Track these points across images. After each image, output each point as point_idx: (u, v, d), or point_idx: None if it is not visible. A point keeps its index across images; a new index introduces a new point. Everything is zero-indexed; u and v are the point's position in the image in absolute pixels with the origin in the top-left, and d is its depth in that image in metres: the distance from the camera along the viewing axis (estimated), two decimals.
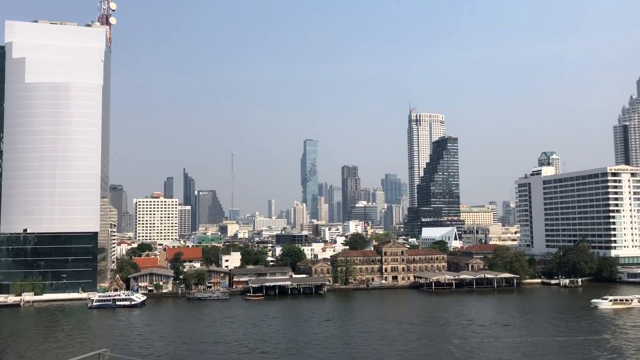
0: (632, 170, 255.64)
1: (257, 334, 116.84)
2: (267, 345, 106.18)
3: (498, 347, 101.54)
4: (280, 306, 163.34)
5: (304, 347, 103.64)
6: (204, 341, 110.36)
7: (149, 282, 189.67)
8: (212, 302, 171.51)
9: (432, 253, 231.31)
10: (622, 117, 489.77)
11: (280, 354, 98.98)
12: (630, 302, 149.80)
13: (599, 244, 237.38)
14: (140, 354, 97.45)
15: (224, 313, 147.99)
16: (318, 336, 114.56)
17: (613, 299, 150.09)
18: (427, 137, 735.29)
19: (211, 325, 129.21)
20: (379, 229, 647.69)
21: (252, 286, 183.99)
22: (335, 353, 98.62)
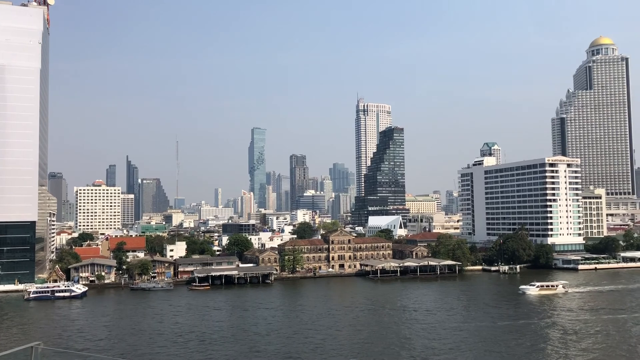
0: (568, 161, 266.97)
1: (204, 324, 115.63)
2: (214, 334, 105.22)
3: (442, 333, 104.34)
4: (226, 296, 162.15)
5: (252, 336, 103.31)
6: (150, 332, 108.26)
7: (91, 273, 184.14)
8: (157, 292, 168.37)
9: (378, 241, 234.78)
10: (559, 110, 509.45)
11: (228, 343, 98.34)
12: (556, 287, 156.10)
13: (536, 231, 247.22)
14: (78, 346, 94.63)
15: (169, 303, 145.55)
16: (266, 325, 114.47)
17: (540, 285, 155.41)
18: (374, 127, 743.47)
19: (156, 316, 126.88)
20: (326, 217, 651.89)
21: (197, 276, 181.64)
22: (284, 342, 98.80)
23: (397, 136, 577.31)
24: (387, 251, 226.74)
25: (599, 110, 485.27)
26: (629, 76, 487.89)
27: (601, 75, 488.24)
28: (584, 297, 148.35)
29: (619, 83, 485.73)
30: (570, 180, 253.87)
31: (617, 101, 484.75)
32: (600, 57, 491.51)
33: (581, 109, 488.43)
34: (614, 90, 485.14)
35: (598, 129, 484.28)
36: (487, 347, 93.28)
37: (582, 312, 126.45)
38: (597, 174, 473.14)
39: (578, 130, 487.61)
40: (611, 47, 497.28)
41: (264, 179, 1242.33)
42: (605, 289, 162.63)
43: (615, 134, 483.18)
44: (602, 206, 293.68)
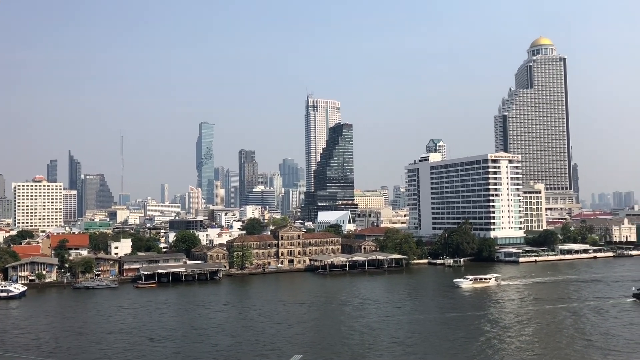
0: (509, 157, 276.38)
1: (152, 322, 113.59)
2: (164, 332, 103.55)
3: (391, 326, 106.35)
4: (173, 293, 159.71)
5: (202, 334, 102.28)
6: (96, 332, 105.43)
7: (30, 272, 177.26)
8: (101, 291, 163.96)
9: (327, 236, 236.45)
10: (502, 108, 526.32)
11: (178, 341, 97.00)
12: (488, 280, 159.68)
13: (480, 225, 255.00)
14: (19, 350, 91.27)
15: (115, 302, 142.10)
16: (216, 322, 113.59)
17: (473, 278, 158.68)
18: (323, 123, 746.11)
19: (102, 315, 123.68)
20: (276, 213, 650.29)
21: (143, 274, 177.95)
22: (235, 339, 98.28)
23: (346, 132, 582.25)
24: (336, 246, 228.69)
25: (539, 108, 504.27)
26: (566, 75, 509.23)
27: (541, 74, 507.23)
28: (516, 289, 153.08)
29: (558, 82, 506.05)
30: (511, 176, 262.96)
31: (556, 99, 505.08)
32: (540, 57, 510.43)
33: (522, 107, 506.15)
34: (553, 89, 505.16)
35: (538, 126, 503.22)
36: (426, 340, 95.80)
37: (514, 303, 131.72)
38: (537, 170, 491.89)
39: (519, 127, 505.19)
40: (550, 48, 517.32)
41: (212, 174, 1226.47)
42: (541, 280, 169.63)
43: (554, 131, 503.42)
44: (541, 201, 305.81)
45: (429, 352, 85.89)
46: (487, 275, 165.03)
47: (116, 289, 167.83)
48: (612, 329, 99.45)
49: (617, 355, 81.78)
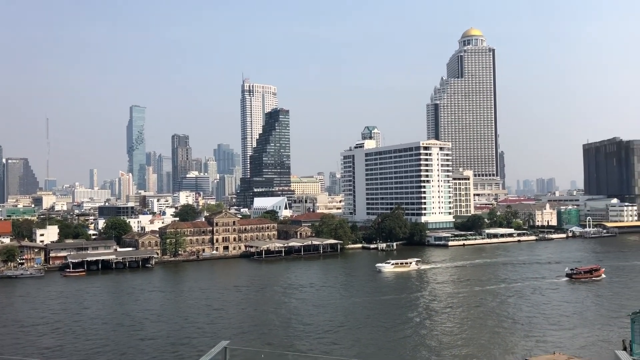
0: (440, 144, 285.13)
1: (83, 312, 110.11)
2: (95, 321, 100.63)
3: (324, 310, 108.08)
4: (104, 281, 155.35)
5: (132, 322, 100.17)
6: (21, 323, 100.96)
7: None
8: (26, 280, 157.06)
9: (263, 222, 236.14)
10: (434, 97, 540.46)
11: (111, 330, 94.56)
12: (409, 264, 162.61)
13: (412, 211, 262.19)
14: None
15: (41, 291, 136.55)
16: (146, 309, 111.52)
17: (394, 263, 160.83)
18: (259, 108, 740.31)
19: (27, 305, 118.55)
20: (211, 199, 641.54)
21: (71, 261, 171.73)
22: (171, 326, 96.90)
23: (283, 118, 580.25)
24: (272, 232, 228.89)
25: (469, 98, 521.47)
26: (495, 66, 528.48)
27: (471, 64, 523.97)
28: (437, 272, 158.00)
29: (487, 72, 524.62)
30: (442, 163, 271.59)
31: (485, 89, 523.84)
32: (471, 48, 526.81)
33: (453, 96, 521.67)
34: (483, 79, 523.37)
35: (468, 115, 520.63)
36: (359, 323, 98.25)
37: (445, 285, 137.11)
38: (466, 157, 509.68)
39: (450, 115, 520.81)
40: (480, 39, 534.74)
41: (144, 159, 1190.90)
42: (462, 263, 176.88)
43: (483, 120, 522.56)
44: (470, 187, 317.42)
45: (362, 336, 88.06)
46: (408, 259, 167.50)
47: (42, 277, 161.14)
48: (544, 307, 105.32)
49: (547, 331, 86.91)
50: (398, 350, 78.58)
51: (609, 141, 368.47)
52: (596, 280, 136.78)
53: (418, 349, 78.70)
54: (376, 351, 77.85)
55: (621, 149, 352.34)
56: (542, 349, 75.24)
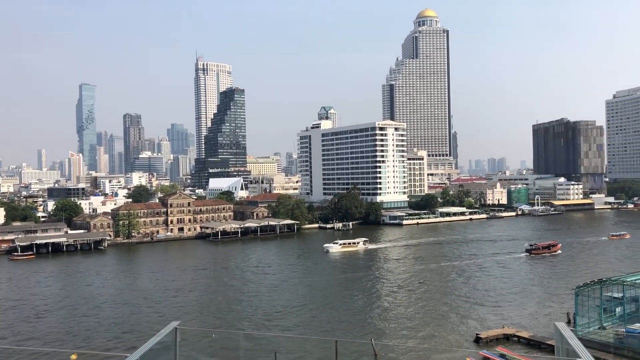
0: (395, 125, 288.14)
1: (29, 297, 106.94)
2: (47, 306, 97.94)
3: (284, 289, 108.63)
4: (55, 265, 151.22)
5: (84, 305, 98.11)
6: None
7: None
8: None
9: (219, 203, 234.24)
10: (389, 77, 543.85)
11: (65, 316, 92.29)
12: (357, 244, 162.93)
13: (367, 190, 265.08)
14: None
15: None
16: (99, 292, 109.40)
17: (342, 243, 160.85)
18: (214, 87, 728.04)
19: None
20: (164, 180, 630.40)
21: (19, 245, 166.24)
22: (125, 310, 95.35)
23: (238, 97, 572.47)
24: (228, 213, 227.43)
25: (424, 78, 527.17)
26: (449, 47, 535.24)
27: (426, 45, 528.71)
28: (390, 251, 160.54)
29: (441, 53, 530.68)
30: (397, 143, 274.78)
31: (439, 70, 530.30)
32: (425, 29, 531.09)
33: (408, 77, 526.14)
34: (437, 60, 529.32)
35: (422, 95, 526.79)
36: (314, 302, 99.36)
37: (400, 262, 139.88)
38: (420, 137, 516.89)
39: (405, 96, 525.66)
40: (435, 20, 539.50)
41: (95, 139, 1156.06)
42: (419, 242, 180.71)
43: (437, 100, 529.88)
44: (424, 167, 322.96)
45: (320, 315, 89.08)
46: (356, 239, 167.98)
47: None
48: (499, 282, 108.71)
49: (499, 306, 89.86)
50: (354, 328, 79.89)
51: (557, 122, 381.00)
52: (554, 255, 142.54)
53: (371, 327, 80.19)
54: (331, 329, 78.93)
55: (568, 129, 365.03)
56: (494, 323, 77.87)
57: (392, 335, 76.05)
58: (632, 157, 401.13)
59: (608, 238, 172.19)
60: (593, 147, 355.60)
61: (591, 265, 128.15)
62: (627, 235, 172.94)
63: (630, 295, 68.74)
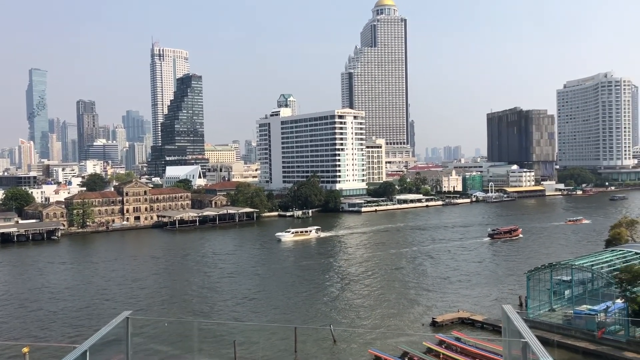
0: (354, 113, 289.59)
1: None
2: None
3: (242, 277, 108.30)
4: (4, 255, 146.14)
5: (37, 296, 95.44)
6: None
7: None
8: None
9: (176, 192, 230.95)
10: (348, 65, 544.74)
11: (19, 307, 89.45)
12: (309, 233, 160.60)
13: (326, 178, 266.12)
14: None
15: None
16: (51, 283, 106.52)
17: (295, 231, 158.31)
18: (171, 74, 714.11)
19: None
20: (120, 168, 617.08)
21: None
22: (81, 300, 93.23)
23: (196, 84, 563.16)
24: (186, 201, 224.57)
25: (382, 67, 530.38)
26: (407, 36, 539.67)
27: (384, 34, 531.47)
28: (339, 239, 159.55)
29: (399, 42, 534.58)
30: (356, 131, 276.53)
31: (397, 59, 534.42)
32: (384, 17, 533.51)
33: (367, 65, 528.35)
34: (395, 49, 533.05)
35: (380, 84, 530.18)
36: (271, 292, 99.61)
37: (359, 248, 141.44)
38: (379, 125, 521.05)
39: (364, 84, 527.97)
40: (393, 8, 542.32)
41: (47, 126, 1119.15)
42: (378, 228, 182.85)
43: (395, 89, 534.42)
44: (382, 155, 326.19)
45: (275, 303, 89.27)
46: (308, 227, 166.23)
47: None
48: (457, 267, 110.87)
49: (456, 290, 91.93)
50: (313, 315, 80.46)
51: (510, 111, 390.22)
52: (515, 239, 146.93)
53: (330, 313, 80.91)
54: (291, 317, 79.29)
55: (521, 118, 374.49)
56: (450, 307, 79.67)
57: (350, 321, 76.96)
58: (581, 145, 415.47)
59: (565, 223, 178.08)
60: (544, 136, 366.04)
61: (548, 249, 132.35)
62: (584, 220, 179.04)
63: (578, 278, 71.57)
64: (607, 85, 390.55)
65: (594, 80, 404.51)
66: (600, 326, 60.52)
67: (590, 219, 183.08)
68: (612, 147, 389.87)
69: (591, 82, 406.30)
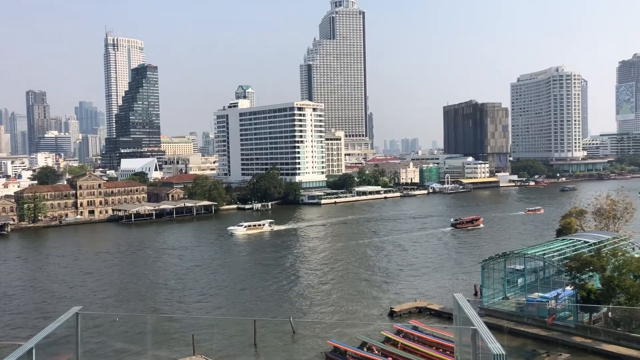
0: (313, 105, 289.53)
1: None
2: None
3: (196, 272, 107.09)
4: None
5: None
6: None
7: None
8: None
9: (132, 185, 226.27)
10: (307, 57, 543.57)
11: None
12: (262, 226, 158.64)
13: (286, 170, 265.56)
14: None
15: None
16: (7, 281, 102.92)
17: (247, 225, 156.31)
18: (125, 64, 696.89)
19: None
20: (73, 161, 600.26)
21: None
22: (32, 297, 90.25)
23: (151, 75, 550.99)
24: (142, 195, 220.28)
25: (341, 59, 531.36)
26: (365, 29, 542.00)
27: (343, 26, 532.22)
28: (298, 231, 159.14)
29: (357, 35, 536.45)
30: (315, 123, 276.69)
31: (356, 52, 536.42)
32: (342, 9, 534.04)
33: (325, 57, 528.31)
34: (353, 42, 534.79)
35: (339, 76, 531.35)
36: (228, 286, 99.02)
37: (319, 241, 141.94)
38: (338, 118, 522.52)
39: (322, 77, 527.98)
40: (351, 1, 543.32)
41: None
42: (338, 220, 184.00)
43: (354, 82, 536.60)
44: (341, 147, 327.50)
45: (233, 297, 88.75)
46: (261, 221, 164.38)
47: None
48: (417, 256, 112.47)
49: (414, 279, 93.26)
50: (272, 308, 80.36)
51: (466, 104, 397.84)
52: (477, 228, 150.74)
53: (289, 306, 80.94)
54: (250, 310, 78.98)
55: (476, 111, 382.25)
56: (409, 297, 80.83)
57: (310, 312, 77.21)
58: (534, 138, 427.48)
59: (525, 213, 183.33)
60: (499, 128, 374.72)
61: (509, 238, 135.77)
62: (542, 210, 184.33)
63: (531, 267, 73.71)
64: (559, 79, 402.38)
65: (546, 74, 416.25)
66: (551, 313, 62.58)
67: (544, 208, 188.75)
68: (563, 139, 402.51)
69: (543, 76, 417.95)
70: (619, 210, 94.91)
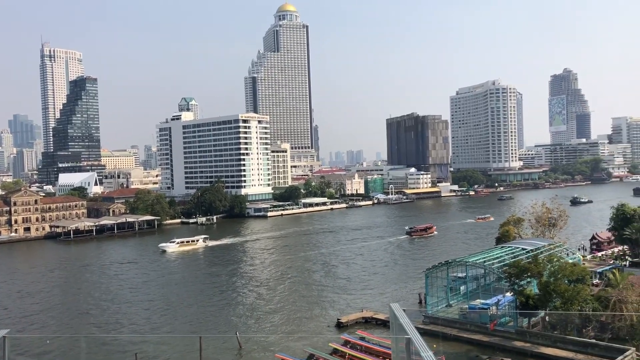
0: (259, 117, 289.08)
1: None
2: None
3: (137, 289, 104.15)
4: None
5: None
6: None
7: None
8: None
9: (71, 200, 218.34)
10: (251, 70, 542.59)
11: None
12: (196, 242, 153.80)
13: (231, 183, 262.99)
14: None
15: None
16: None
17: (180, 242, 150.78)
18: (63, 76, 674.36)
19: None
20: (7, 176, 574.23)
21: None
22: None
23: (91, 87, 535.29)
24: (82, 210, 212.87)
25: (285, 72, 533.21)
26: (309, 42, 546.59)
27: (287, 39, 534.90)
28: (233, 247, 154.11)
29: (301, 48, 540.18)
30: (261, 136, 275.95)
31: (300, 64, 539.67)
32: (286, 23, 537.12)
33: (270, 70, 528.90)
34: (297, 54, 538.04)
35: (284, 89, 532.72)
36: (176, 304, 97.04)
37: (264, 254, 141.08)
38: (283, 130, 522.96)
39: (268, 89, 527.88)
40: (294, 14, 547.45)
41: None
42: (285, 232, 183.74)
43: (298, 94, 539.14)
44: (287, 159, 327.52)
45: (178, 314, 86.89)
46: (195, 237, 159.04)
47: None
48: (363, 267, 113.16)
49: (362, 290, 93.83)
50: (218, 324, 79.14)
51: (408, 116, 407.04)
52: (430, 236, 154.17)
53: (235, 321, 79.92)
54: (196, 327, 77.46)
55: (418, 123, 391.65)
56: (355, 308, 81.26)
57: (257, 326, 76.46)
58: (472, 149, 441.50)
59: (475, 221, 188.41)
60: (439, 140, 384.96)
61: (459, 245, 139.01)
62: (491, 218, 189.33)
63: (472, 275, 75.84)
64: (495, 92, 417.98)
65: (483, 87, 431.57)
66: (492, 319, 64.47)
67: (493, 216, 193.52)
68: (501, 150, 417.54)
69: (481, 89, 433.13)
70: (554, 218, 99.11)
